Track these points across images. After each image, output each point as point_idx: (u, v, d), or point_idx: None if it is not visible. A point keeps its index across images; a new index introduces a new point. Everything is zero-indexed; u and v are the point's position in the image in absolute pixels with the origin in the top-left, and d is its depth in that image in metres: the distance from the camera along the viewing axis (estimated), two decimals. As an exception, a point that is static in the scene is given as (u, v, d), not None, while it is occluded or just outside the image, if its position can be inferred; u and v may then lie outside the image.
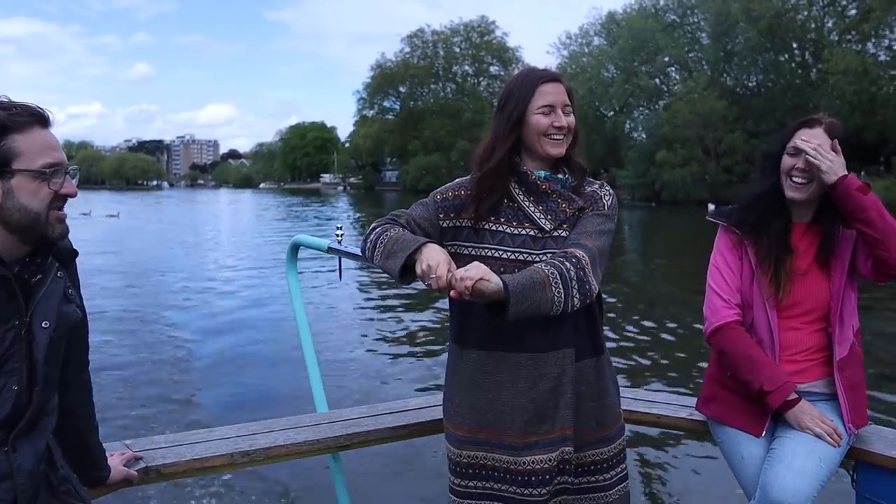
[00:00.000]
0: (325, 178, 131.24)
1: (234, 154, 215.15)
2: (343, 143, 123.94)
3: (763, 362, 2.08)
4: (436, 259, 1.71)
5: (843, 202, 2.02)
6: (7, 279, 1.44)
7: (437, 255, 1.72)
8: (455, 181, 2.01)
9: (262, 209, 54.56)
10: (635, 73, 61.98)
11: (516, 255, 1.88)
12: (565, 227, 1.90)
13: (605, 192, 1.96)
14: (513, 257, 1.88)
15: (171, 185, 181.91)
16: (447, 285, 1.67)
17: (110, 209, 44.84)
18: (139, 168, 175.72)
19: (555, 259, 1.78)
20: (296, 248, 3.05)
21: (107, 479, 1.87)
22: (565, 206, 1.90)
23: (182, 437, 2.28)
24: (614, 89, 63.34)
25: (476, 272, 1.65)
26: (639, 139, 62.87)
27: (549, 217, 1.89)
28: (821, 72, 50.00)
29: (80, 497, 1.64)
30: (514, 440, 1.88)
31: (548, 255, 1.85)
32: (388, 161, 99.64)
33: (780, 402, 2.04)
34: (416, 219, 1.94)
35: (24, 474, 1.46)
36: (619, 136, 63.79)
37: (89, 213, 40.09)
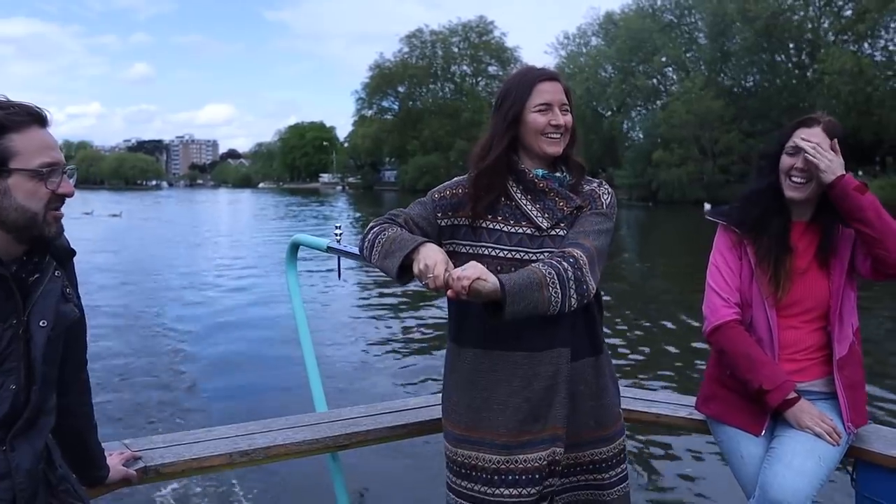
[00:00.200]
0: (324, 177, 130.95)
1: (233, 154, 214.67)
2: (342, 142, 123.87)
3: (762, 361, 2.08)
4: (433, 259, 1.71)
5: (840, 202, 2.03)
6: (4, 278, 1.44)
7: (435, 255, 1.72)
8: (453, 180, 2.00)
9: (261, 209, 54.50)
10: (632, 73, 61.90)
11: (513, 253, 1.88)
12: (563, 225, 1.89)
13: (604, 191, 1.96)
14: (510, 256, 1.88)
15: (171, 185, 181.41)
16: (444, 285, 1.67)
17: (112, 209, 44.92)
18: (138, 168, 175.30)
19: (552, 259, 1.78)
20: (295, 248, 3.05)
21: (105, 478, 1.87)
22: (563, 204, 1.90)
23: (181, 436, 2.28)
24: (612, 89, 63.29)
25: (473, 272, 1.65)
26: (636, 139, 62.83)
27: (546, 215, 1.89)
28: (817, 72, 49.99)
29: (78, 496, 1.64)
30: (508, 439, 1.88)
31: (545, 253, 1.85)
32: (387, 161, 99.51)
33: (779, 400, 2.04)
34: (414, 218, 1.94)
35: (23, 474, 1.46)
36: (617, 136, 63.73)
37: (91, 212, 40.23)
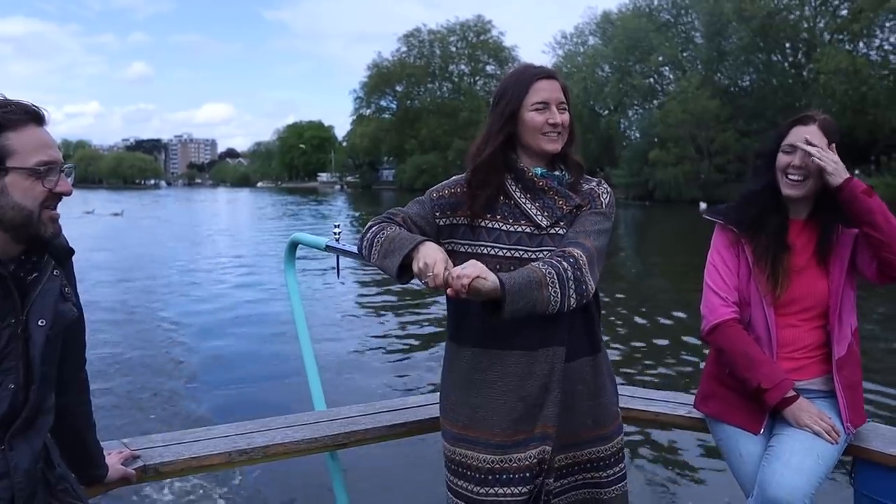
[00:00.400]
0: (323, 176, 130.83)
1: (231, 153, 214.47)
2: (340, 142, 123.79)
3: (761, 360, 2.08)
4: (432, 257, 1.71)
5: (849, 205, 2.01)
6: (3, 277, 1.44)
7: (434, 254, 1.72)
8: (451, 179, 2.00)
9: (260, 208, 54.51)
10: (629, 73, 61.87)
11: (513, 252, 1.87)
12: (562, 224, 1.89)
13: (603, 190, 1.95)
14: (509, 254, 1.87)
15: (169, 184, 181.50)
16: (444, 283, 1.67)
17: (113, 208, 45.05)
18: (137, 167, 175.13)
19: (552, 258, 1.78)
20: (294, 247, 3.04)
21: (104, 477, 1.86)
22: (562, 202, 1.90)
23: (180, 435, 2.27)
24: (609, 88, 63.25)
25: (472, 270, 1.65)
26: (633, 138, 62.85)
27: (545, 214, 1.89)
28: (812, 71, 49.99)
29: (77, 496, 1.63)
30: (502, 439, 1.88)
31: (544, 252, 1.85)
32: (385, 160, 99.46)
33: (777, 399, 2.04)
34: (412, 217, 1.94)
35: (21, 473, 1.45)
36: (614, 136, 63.70)
37: (93, 211, 40.40)
